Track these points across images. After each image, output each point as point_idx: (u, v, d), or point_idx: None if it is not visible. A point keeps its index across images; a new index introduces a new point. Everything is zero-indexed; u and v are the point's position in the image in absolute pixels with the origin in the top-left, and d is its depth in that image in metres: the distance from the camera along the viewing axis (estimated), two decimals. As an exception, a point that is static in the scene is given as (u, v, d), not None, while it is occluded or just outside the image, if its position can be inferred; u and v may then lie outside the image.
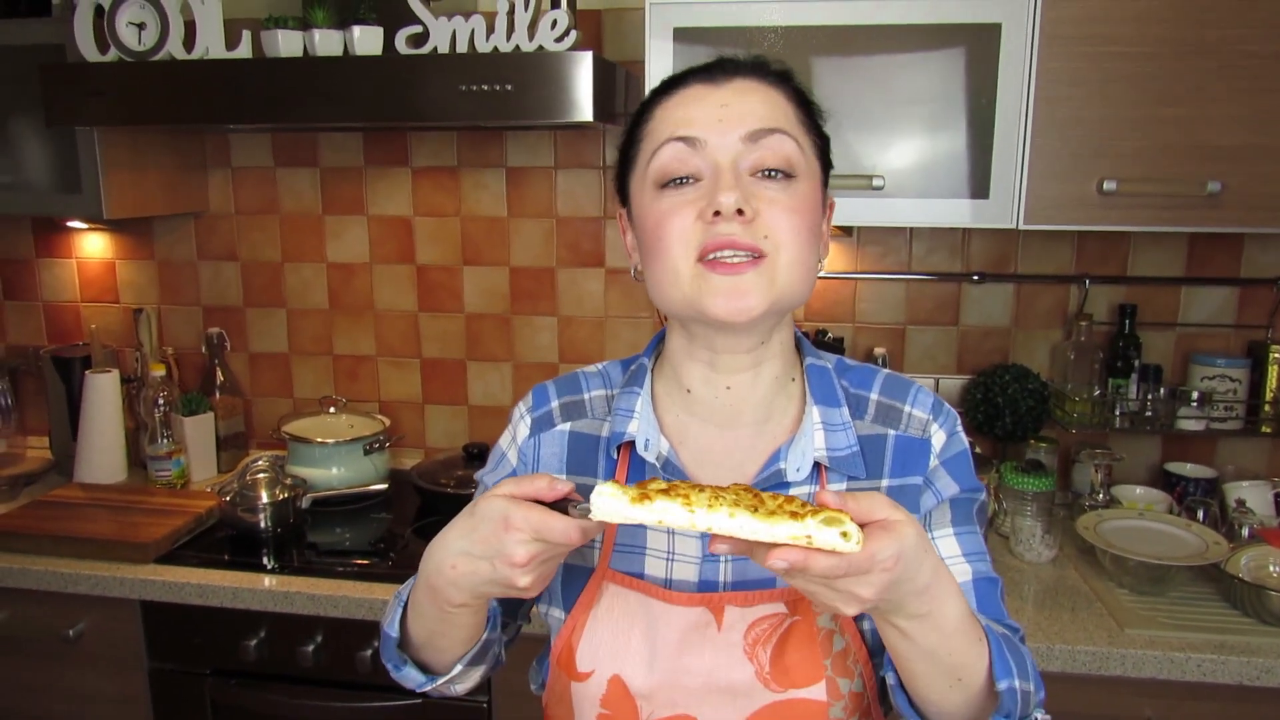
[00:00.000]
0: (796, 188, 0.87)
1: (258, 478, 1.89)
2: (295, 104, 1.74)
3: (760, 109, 0.87)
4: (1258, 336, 2.00)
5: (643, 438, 0.94)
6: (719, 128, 0.86)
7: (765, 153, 0.86)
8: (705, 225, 0.84)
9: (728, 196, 0.83)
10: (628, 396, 0.97)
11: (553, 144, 2.16)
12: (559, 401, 1.01)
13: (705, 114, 0.87)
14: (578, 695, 0.93)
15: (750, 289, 0.84)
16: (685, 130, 0.87)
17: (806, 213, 0.87)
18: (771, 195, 0.85)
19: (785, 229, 0.85)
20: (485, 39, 1.70)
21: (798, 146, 0.87)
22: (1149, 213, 1.64)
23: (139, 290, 2.39)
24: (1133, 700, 1.52)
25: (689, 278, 0.85)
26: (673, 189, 0.87)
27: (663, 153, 0.87)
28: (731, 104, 0.87)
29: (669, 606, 0.90)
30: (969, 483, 0.95)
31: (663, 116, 0.90)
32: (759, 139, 0.86)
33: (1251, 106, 1.58)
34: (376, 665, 1.67)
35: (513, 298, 2.25)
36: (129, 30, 1.77)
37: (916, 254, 2.09)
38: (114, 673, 1.79)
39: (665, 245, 0.86)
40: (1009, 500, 1.86)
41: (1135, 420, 1.99)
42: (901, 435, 0.95)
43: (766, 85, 0.90)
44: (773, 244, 0.84)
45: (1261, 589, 1.54)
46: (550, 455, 0.99)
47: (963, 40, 1.63)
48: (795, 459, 0.92)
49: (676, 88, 0.91)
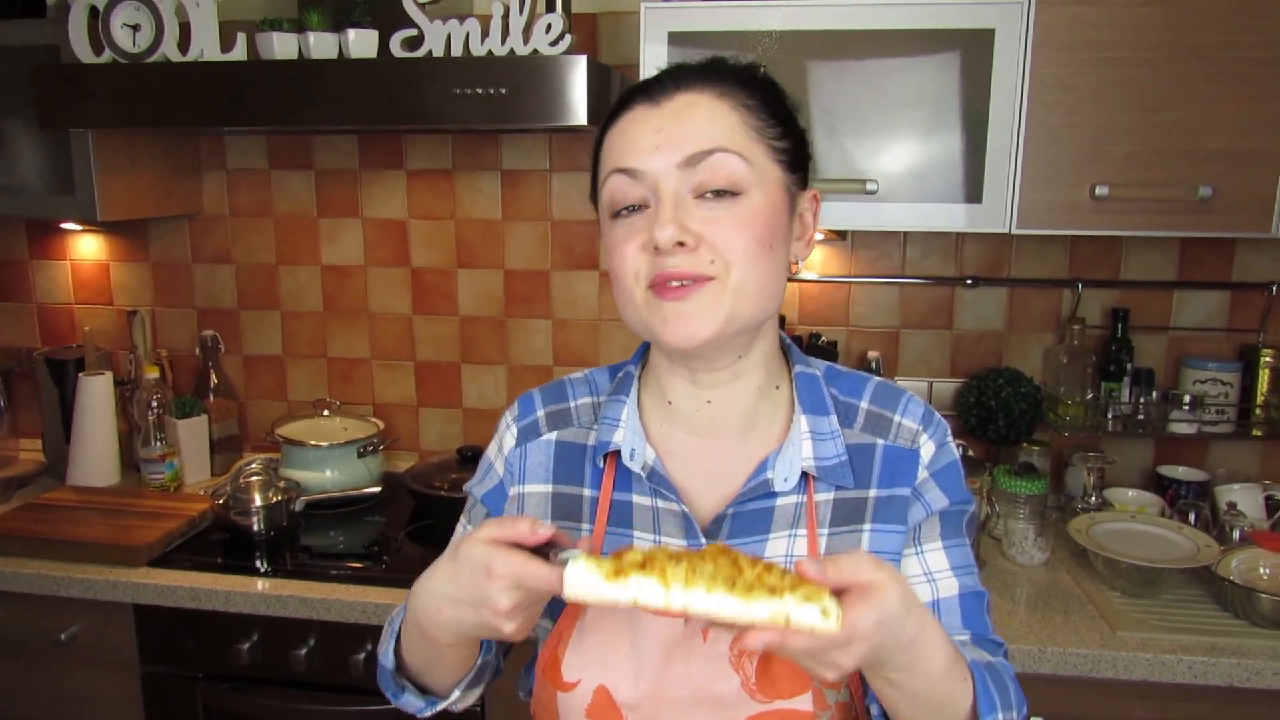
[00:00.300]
0: (744, 204, 0.84)
1: (251, 480, 1.89)
2: (290, 107, 1.74)
3: (698, 129, 0.84)
4: (1249, 340, 2.02)
5: (628, 447, 0.94)
6: (655, 155, 0.84)
7: (706, 174, 0.84)
8: (650, 257, 0.84)
9: (663, 231, 0.82)
10: (614, 405, 0.97)
11: (548, 147, 2.17)
12: (545, 410, 1.01)
13: (642, 141, 0.85)
14: (564, 705, 0.92)
15: (695, 313, 0.83)
16: (624, 161, 0.86)
17: (758, 225, 0.85)
18: (716, 216, 0.84)
19: (732, 248, 0.84)
20: (480, 42, 1.70)
21: (743, 161, 0.85)
22: (1141, 217, 1.65)
23: (133, 292, 2.39)
24: (1125, 702, 1.52)
25: (642, 305, 0.86)
26: (623, 217, 0.87)
27: (609, 184, 0.87)
28: (666, 128, 0.85)
29: (655, 617, 0.89)
30: (959, 495, 0.95)
31: (610, 144, 0.89)
32: (697, 162, 0.84)
33: (1242, 111, 1.59)
34: (370, 669, 1.67)
35: (507, 300, 2.26)
36: (123, 32, 1.76)
37: (910, 258, 2.10)
38: (106, 676, 1.78)
39: (619, 275, 0.87)
40: (1002, 503, 1.87)
41: (1127, 423, 1.99)
42: (890, 445, 0.94)
43: (710, 97, 0.86)
44: (721, 265, 0.84)
45: (1252, 591, 1.55)
46: (537, 465, 0.99)
47: (957, 45, 1.64)
48: (783, 468, 0.91)
49: (622, 109, 0.89)
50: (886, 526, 0.92)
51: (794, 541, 0.91)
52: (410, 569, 1.79)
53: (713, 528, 0.92)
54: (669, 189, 0.84)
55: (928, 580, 0.94)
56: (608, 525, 0.94)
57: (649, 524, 0.93)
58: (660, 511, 0.93)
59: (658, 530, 0.93)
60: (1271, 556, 1.64)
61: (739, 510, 0.92)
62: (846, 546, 0.91)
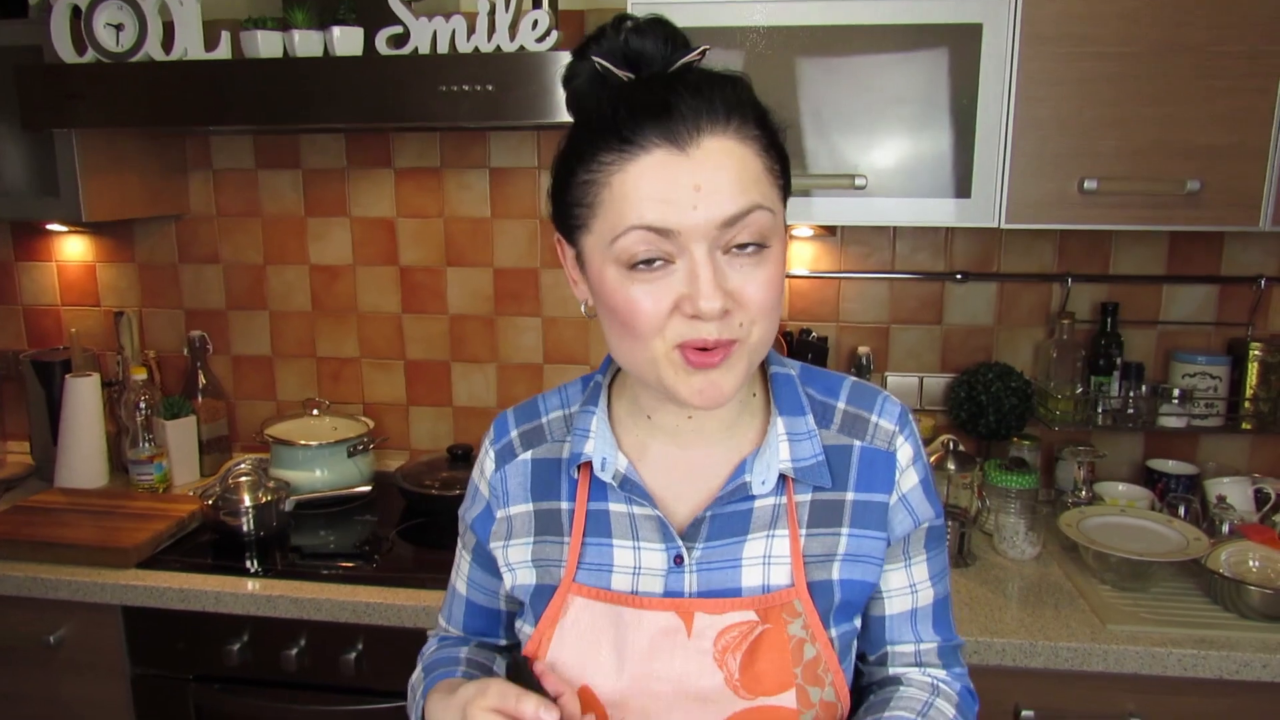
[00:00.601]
0: (770, 256, 0.82)
1: (240, 481, 1.88)
2: (276, 105, 1.73)
3: (734, 185, 0.79)
4: (1238, 334, 2.02)
5: (599, 457, 0.93)
6: (692, 216, 0.78)
7: (741, 231, 0.80)
8: (684, 318, 0.80)
9: (710, 302, 0.78)
10: (584, 416, 0.96)
11: (536, 144, 2.16)
12: (517, 431, 1.01)
13: (676, 195, 0.77)
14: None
15: (723, 380, 0.83)
16: (655, 219, 0.78)
17: (779, 279, 0.84)
18: (747, 273, 0.81)
19: (759, 308, 0.82)
20: (466, 39, 1.70)
21: (771, 215, 0.81)
22: (1129, 211, 1.65)
23: (120, 293, 2.37)
24: (1115, 695, 1.53)
25: (664, 364, 0.83)
26: (643, 270, 0.80)
27: (629, 239, 0.79)
28: (705, 184, 0.78)
29: (639, 613, 0.90)
30: (937, 505, 0.98)
31: (623, 189, 0.79)
32: (736, 221, 0.79)
33: (1229, 106, 1.59)
34: (360, 669, 1.67)
35: (496, 299, 2.25)
36: (106, 31, 1.75)
37: (900, 253, 2.10)
38: (96, 679, 1.77)
39: (638, 331, 0.81)
40: (992, 498, 1.87)
41: (1117, 418, 2.00)
42: (867, 447, 0.94)
43: (735, 143, 0.80)
44: (747, 328, 0.82)
45: (1241, 584, 1.56)
46: (516, 486, 0.99)
47: (945, 41, 1.64)
48: (760, 471, 0.91)
49: (632, 146, 0.79)
50: (864, 532, 0.93)
51: (772, 542, 0.91)
52: (402, 568, 1.79)
53: (691, 531, 0.92)
54: (705, 251, 0.79)
55: (910, 591, 0.97)
56: (585, 535, 0.94)
57: (627, 531, 0.93)
58: (636, 518, 0.93)
59: (636, 537, 0.93)
60: (1260, 549, 1.65)
61: (717, 513, 0.92)
62: (823, 548, 0.92)
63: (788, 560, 0.91)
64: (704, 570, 0.91)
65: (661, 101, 0.79)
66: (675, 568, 0.91)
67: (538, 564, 0.96)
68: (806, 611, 0.90)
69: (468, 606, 1.07)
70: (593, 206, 0.82)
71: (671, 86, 0.80)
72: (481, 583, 1.06)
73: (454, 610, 1.09)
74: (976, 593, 1.67)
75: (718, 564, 0.91)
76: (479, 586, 1.06)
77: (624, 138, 0.79)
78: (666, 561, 0.92)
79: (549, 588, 0.95)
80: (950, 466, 1.89)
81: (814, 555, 0.91)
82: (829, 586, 0.91)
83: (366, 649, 1.67)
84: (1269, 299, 2.01)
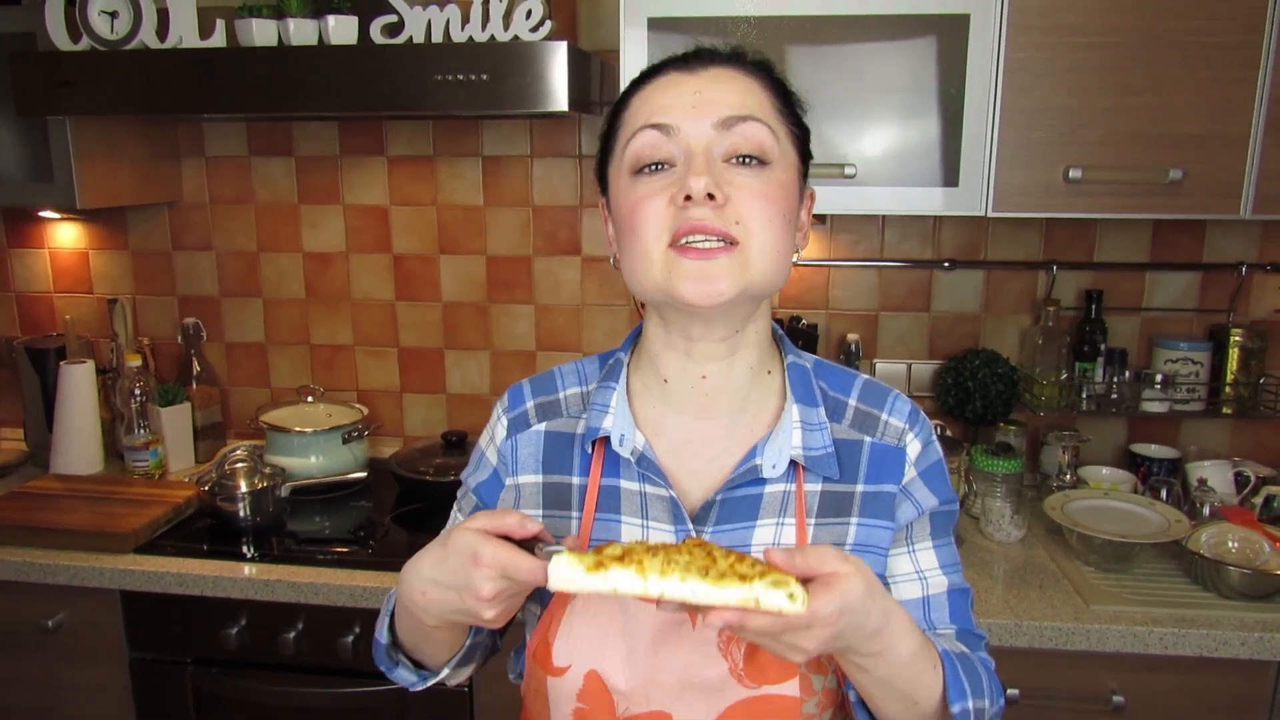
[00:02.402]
0: (770, 174, 0.88)
1: (236, 467, 1.89)
2: (270, 93, 1.73)
3: (734, 96, 0.88)
4: (1219, 320, 2.06)
5: (618, 433, 0.94)
6: (692, 114, 0.87)
7: (738, 139, 0.87)
8: (677, 210, 0.85)
9: (698, 181, 0.83)
10: (604, 391, 0.97)
11: (529, 133, 2.17)
12: (534, 402, 1.02)
13: (679, 101, 0.88)
14: (554, 690, 0.93)
15: (721, 274, 0.84)
16: (659, 117, 0.88)
17: (780, 200, 0.88)
18: (743, 181, 0.86)
19: (757, 215, 0.86)
20: (460, 29, 1.71)
21: (771, 134, 0.88)
22: (1113, 200, 1.68)
23: (113, 281, 2.38)
24: (1098, 673, 1.56)
25: (660, 262, 0.86)
26: (646, 175, 0.88)
27: (637, 140, 0.88)
28: (705, 91, 0.88)
29: (645, 604, 0.90)
30: (946, 494, 0.98)
31: (638, 104, 0.91)
32: (732, 125, 0.87)
33: (1211, 96, 1.62)
34: (358, 652, 1.69)
35: (490, 286, 2.27)
36: (101, 19, 1.76)
37: (889, 241, 2.13)
38: (94, 663, 1.79)
39: (639, 231, 0.87)
40: (979, 482, 1.90)
41: (1101, 403, 2.03)
42: (877, 443, 0.96)
43: (743, 74, 0.91)
44: (744, 230, 0.85)
45: (1220, 564, 1.59)
46: (527, 455, 1.00)
47: (933, 30, 1.66)
48: (772, 455, 0.92)
49: (653, 76, 0.92)
50: (873, 521, 0.94)
51: (781, 530, 0.92)
52: (397, 553, 1.81)
53: (701, 514, 0.93)
54: (702, 146, 0.86)
55: (918, 578, 0.97)
56: (596, 511, 0.95)
57: (637, 509, 0.94)
58: (648, 497, 0.94)
59: (645, 515, 0.94)
60: (1240, 530, 1.68)
61: (727, 496, 0.93)
62: (832, 537, 0.93)
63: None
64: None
65: (686, 54, 0.93)
66: None
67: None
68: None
69: None
70: (615, 130, 0.94)
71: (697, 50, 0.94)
72: None
73: None
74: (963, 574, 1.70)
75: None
76: None
77: (647, 74, 0.94)
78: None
79: None
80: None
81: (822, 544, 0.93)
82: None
83: (364, 632, 1.69)
84: (1249, 286, 2.05)
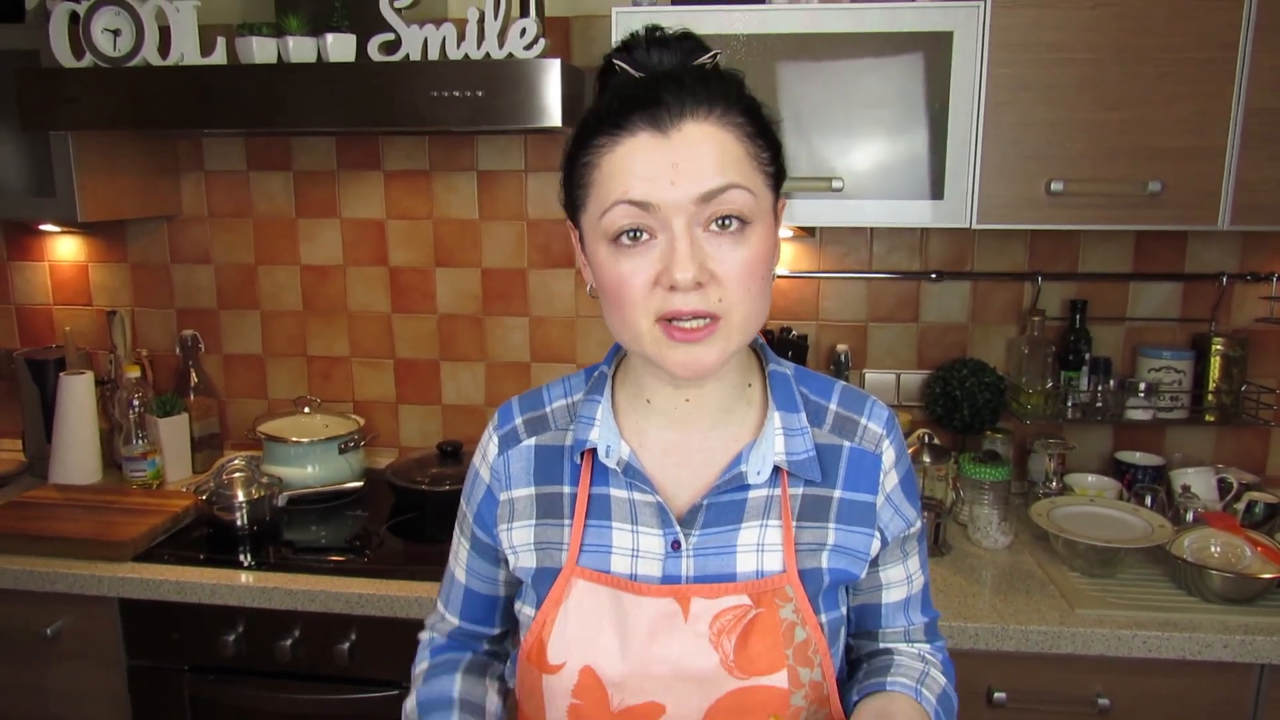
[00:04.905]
0: (750, 236, 0.86)
1: (234, 476, 1.91)
2: (269, 110, 1.76)
3: (712, 166, 0.84)
4: (1201, 329, 2.09)
5: (604, 444, 0.97)
6: (671, 191, 0.84)
7: (719, 207, 0.85)
8: (663, 291, 0.85)
9: (684, 272, 0.83)
10: (589, 404, 1.00)
11: (523, 147, 2.21)
12: (522, 418, 1.05)
13: (655, 172, 0.84)
14: (549, 688, 0.95)
15: (705, 354, 0.87)
16: (636, 193, 0.84)
17: (760, 264, 0.87)
18: (724, 254, 0.85)
19: (739, 289, 0.86)
20: (456, 46, 1.74)
21: (751, 195, 0.86)
22: (1094, 212, 1.72)
23: (112, 293, 2.40)
24: (1084, 676, 1.59)
25: (649, 336, 0.88)
26: (627, 245, 0.86)
27: (614, 213, 0.86)
28: (682, 162, 0.84)
29: (639, 599, 0.93)
30: (918, 504, 1.05)
31: (610, 168, 0.86)
32: (712, 198, 0.84)
33: (1188, 110, 1.66)
34: (353, 659, 1.71)
35: (485, 299, 2.29)
36: (104, 37, 1.79)
37: (877, 253, 2.16)
38: (93, 670, 1.80)
39: (624, 306, 0.88)
40: (967, 489, 1.93)
41: (1086, 411, 2.06)
42: (856, 448, 0.99)
43: (717, 128, 0.86)
44: (727, 305, 0.86)
45: (1203, 569, 1.62)
46: (519, 470, 1.03)
47: (918, 47, 1.70)
48: (756, 462, 0.95)
49: (621, 131, 0.86)
50: (850, 528, 0.98)
51: (765, 531, 0.96)
52: (393, 561, 1.83)
53: (688, 518, 0.96)
54: (684, 225, 0.84)
55: (907, 582, 1.05)
56: (587, 518, 0.98)
57: (626, 516, 0.97)
58: (636, 504, 0.97)
59: (635, 521, 0.97)
60: (1222, 535, 1.70)
61: (714, 501, 0.96)
62: (814, 539, 0.97)
63: (780, 548, 0.95)
64: (700, 556, 0.95)
65: (651, 94, 0.86)
66: (673, 552, 0.95)
67: (539, 547, 0.99)
68: (798, 597, 0.94)
69: (466, 594, 1.10)
70: (587, 187, 0.89)
71: (661, 81, 0.87)
72: (480, 570, 1.09)
73: (452, 596, 1.12)
74: (951, 580, 1.72)
75: (713, 550, 0.95)
76: (477, 574, 1.09)
77: (615, 124, 0.86)
78: (664, 546, 0.95)
79: (551, 570, 0.98)
80: (926, 459, 1.95)
81: (805, 544, 0.96)
82: (818, 574, 0.96)
83: (360, 639, 1.71)
84: (1230, 295, 2.08)
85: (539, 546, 1.00)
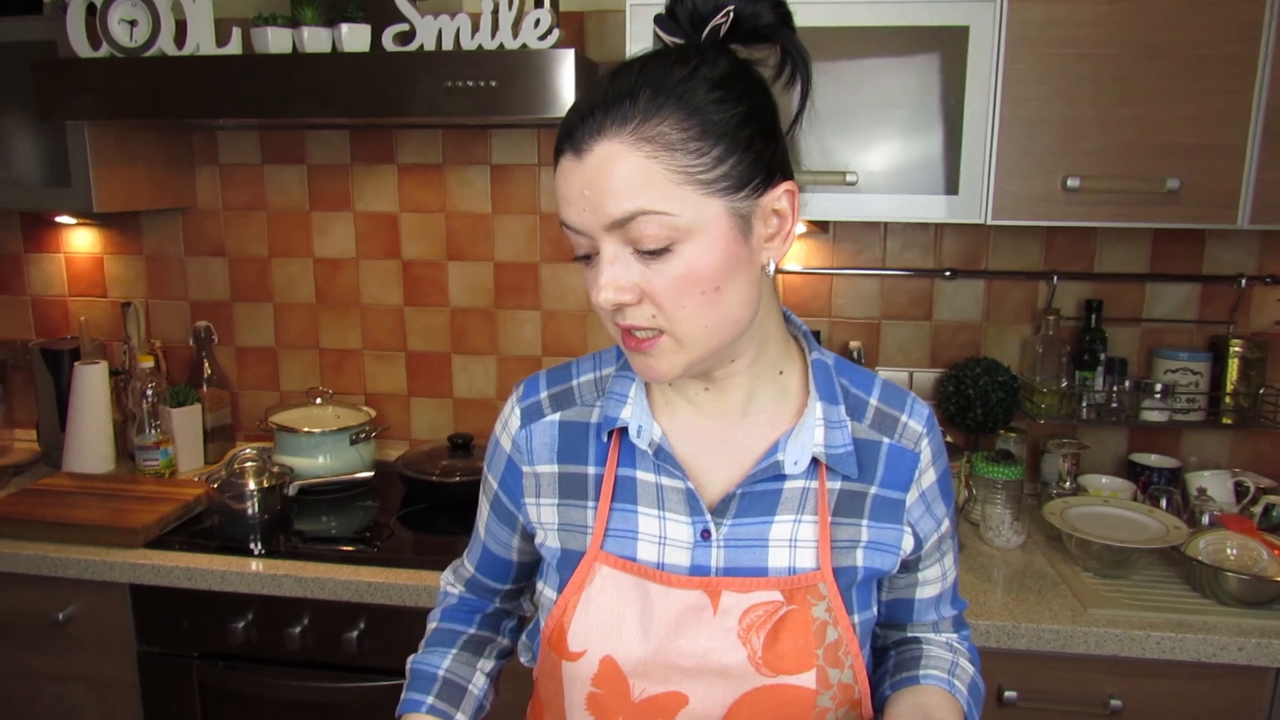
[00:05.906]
0: (677, 260, 0.81)
1: (246, 466, 1.92)
2: (284, 100, 1.77)
3: (618, 191, 0.79)
4: (1219, 331, 2.07)
5: (635, 424, 0.94)
6: (586, 218, 0.82)
7: (633, 235, 0.81)
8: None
9: (598, 295, 0.83)
10: (621, 381, 0.97)
11: (536, 142, 2.21)
12: (548, 392, 1.02)
13: (573, 198, 0.82)
14: (568, 674, 0.94)
15: (659, 360, 0.86)
16: (568, 219, 0.83)
17: (696, 278, 0.82)
18: (651, 274, 0.82)
19: (673, 305, 0.82)
20: (470, 37, 1.75)
21: (664, 217, 0.79)
22: (1111, 209, 1.70)
23: (127, 285, 2.42)
24: (1096, 677, 1.57)
25: (620, 340, 0.88)
26: (582, 261, 0.87)
27: (567, 231, 0.86)
28: (588, 190, 0.80)
29: (666, 589, 0.91)
30: (951, 502, 1.04)
31: (556, 188, 0.85)
32: (622, 224, 0.80)
33: (1206, 107, 1.65)
34: (362, 647, 1.71)
35: (497, 292, 2.30)
36: (120, 27, 1.80)
37: (891, 250, 2.15)
38: (103, 656, 1.81)
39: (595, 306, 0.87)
40: (980, 488, 1.92)
41: (1101, 412, 2.05)
42: (895, 445, 0.97)
43: (626, 146, 0.79)
44: (665, 319, 0.83)
45: (1219, 570, 1.60)
46: (541, 446, 1.00)
47: (933, 43, 1.68)
48: (794, 452, 0.92)
49: (561, 153, 0.84)
50: (884, 524, 0.96)
51: (799, 527, 0.93)
52: (403, 550, 1.83)
53: (721, 506, 0.93)
54: (605, 249, 0.82)
55: (942, 579, 1.05)
56: (613, 501, 0.95)
57: (653, 501, 0.94)
58: (665, 489, 0.94)
59: (662, 507, 0.94)
60: (1238, 538, 1.68)
61: (748, 490, 0.93)
62: (848, 535, 0.95)
63: (814, 544, 0.93)
64: (731, 547, 0.92)
65: (572, 114, 0.83)
66: (702, 541, 0.92)
67: (563, 529, 0.97)
68: (831, 595, 0.92)
69: (483, 552, 1.11)
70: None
71: (588, 95, 0.83)
72: (496, 532, 1.08)
73: (472, 548, 1.13)
74: (963, 579, 1.71)
75: (744, 542, 0.93)
76: (494, 536, 1.08)
77: (558, 143, 0.84)
78: (693, 535, 0.92)
79: (575, 554, 0.96)
80: (938, 457, 1.94)
81: (840, 541, 0.94)
82: (852, 571, 0.94)
83: (369, 628, 1.71)
84: (1249, 298, 2.06)
85: (563, 529, 0.98)
